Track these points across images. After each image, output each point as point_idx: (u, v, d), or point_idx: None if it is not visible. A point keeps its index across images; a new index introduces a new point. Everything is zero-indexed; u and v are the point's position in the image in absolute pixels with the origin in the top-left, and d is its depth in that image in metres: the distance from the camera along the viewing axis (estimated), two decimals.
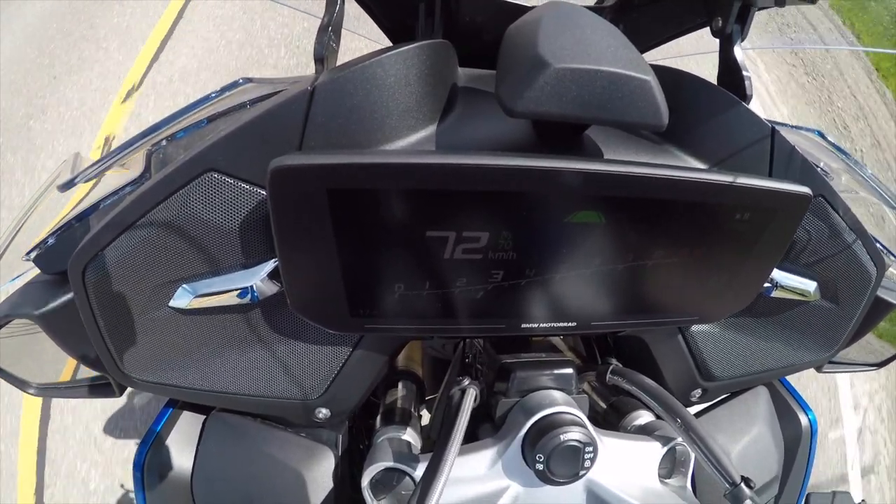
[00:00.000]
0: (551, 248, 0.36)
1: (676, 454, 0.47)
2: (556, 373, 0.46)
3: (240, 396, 0.43)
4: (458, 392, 0.44)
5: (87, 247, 0.36)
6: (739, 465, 0.54)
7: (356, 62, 0.36)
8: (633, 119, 0.34)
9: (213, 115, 0.47)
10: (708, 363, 0.51)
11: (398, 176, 0.31)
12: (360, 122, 0.36)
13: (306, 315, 0.38)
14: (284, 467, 0.46)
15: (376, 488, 0.42)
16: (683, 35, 0.60)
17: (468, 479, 0.42)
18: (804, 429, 0.58)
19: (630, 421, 0.51)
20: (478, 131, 0.39)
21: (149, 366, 0.41)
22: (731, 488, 0.39)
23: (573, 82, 0.32)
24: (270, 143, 0.35)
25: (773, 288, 0.47)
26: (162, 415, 0.49)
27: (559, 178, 0.32)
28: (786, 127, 0.66)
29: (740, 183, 0.35)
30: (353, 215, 0.32)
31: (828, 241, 0.46)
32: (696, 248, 0.38)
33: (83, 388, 0.50)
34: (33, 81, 2.33)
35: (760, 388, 0.59)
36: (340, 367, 0.43)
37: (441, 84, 0.40)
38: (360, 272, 0.35)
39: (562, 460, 0.40)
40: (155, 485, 0.46)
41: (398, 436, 0.45)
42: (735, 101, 0.43)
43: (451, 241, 0.34)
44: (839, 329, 0.53)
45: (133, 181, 0.43)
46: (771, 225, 0.38)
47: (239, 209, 0.36)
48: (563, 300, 0.39)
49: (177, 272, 0.37)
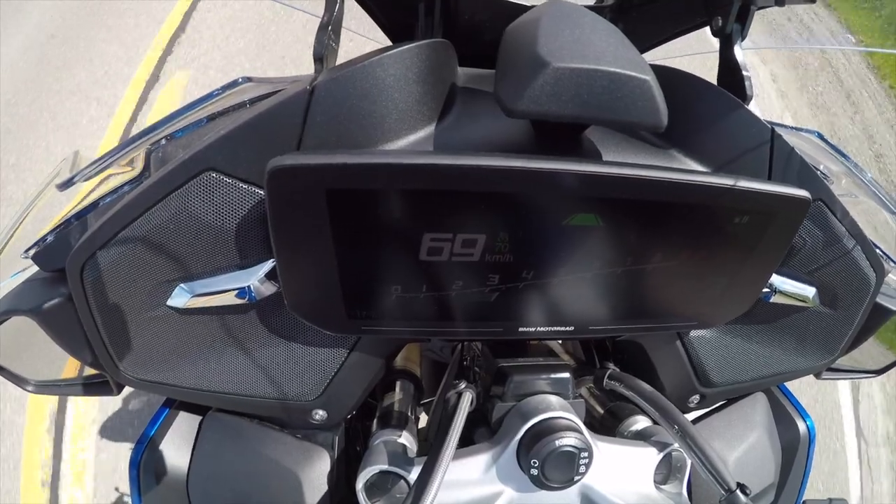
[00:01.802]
0: (549, 251, 0.36)
1: (673, 460, 0.47)
2: (552, 377, 0.46)
3: (236, 397, 0.43)
4: (455, 395, 0.43)
5: (85, 245, 0.36)
6: (736, 471, 0.54)
7: (356, 62, 0.36)
8: (633, 119, 0.33)
9: (212, 114, 0.47)
10: (706, 369, 0.50)
11: (397, 176, 0.31)
12: (359, 122, 0.36)
13: (303, 316, 0.38)
14: (280, 468, 0.45)
15: (370, 491, 0.42)
16: (683, 35, 0.59)
17: (462, 484, 0.42)
18: (802, 436, 0.58)
19: (627, 426, 0.50)
20: (477, 131, 0.39)
21: (146, 364, 0.41)
22: (727, 495, 0.39)
23: (572, 82, 0.32)
24: (269, 143, 0.35)
25: (771, 293, 0.47)
26: (158, 415, 0.49)
27: (557, 179, 0.32)
28: (785, 128, 0.66)
29: (739, 186, 0.35)
30: (351, 215, 0.32)
31: (827, 246, 0.46)
32: (695, 251, 0.38)
33: (81, 386, 0.50)
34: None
35: (759, 395, 0.59)
36: (337, 369, 0.43)
37: (440, 84, 0.40)
38: (358, 273, 0.35)
39: (556, 466, 0.40)
40: (151, 485, 0.46)
41: (394, 438, 0.45)
42: (735, 102, 0.42)
43: (449, 243, 0.34)
44: (838, 335, 0.52)
45: (132, 180, 0.43)
46: (770, 229, 0.38)
47: (237, 209, 0.36)
48: (561, 304, 0.39)
49: (174, 271, 0.37)
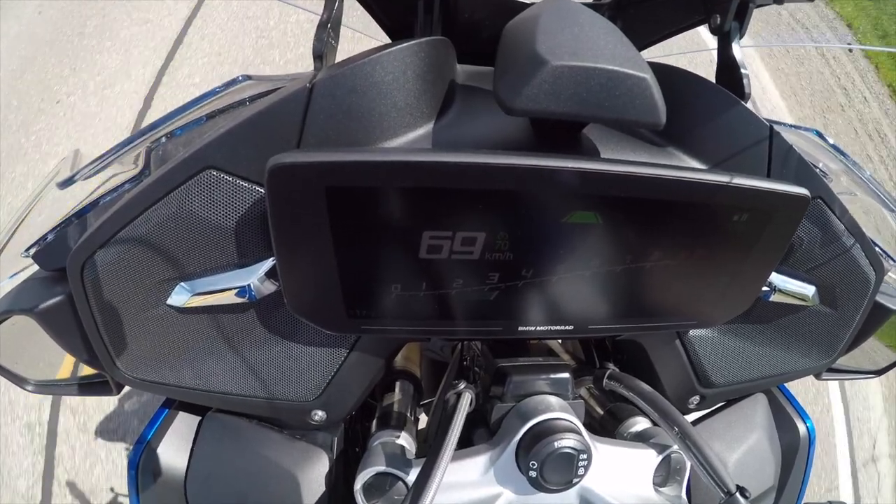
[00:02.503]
0: (548, 250, 0.36)
1: (672, 462, 0.47)
2: (552, 377, 0.46)
3: (235, 397, 0.43)
4: (454, 396, 0.43)
5: (85, 244, 0.36)
6: (736, 473, 0.54)
7: (355, 59, 0.36)
8: (631, 117, 0.33)
9: (212, 112, 0.48)
10: (706, 369, 0.50)
11: (396, 174, 0.31)
12: (359, 120, 0.36)
13: (303, 315, 0.38)
14: (279, 469, 0.45)
15: (369, 492, 0.42)
16: (681, 33, 0.60)
17: (461, 485, 0.42)
18: (802, 437, 0.57)
19: (626, 427, 0.50)
20: (476, 129, 0.39)
21: (145, 364, 0.41)
22: (727, 498, 0.38)
23: (571, 80, 0.32)
24: (269, 141, 0.35)
25: (771, 292, 0.47)
26: (157, 415, 0.48)
27: (556, 176, 0.32)
28: (784, 126, 0.66)
29: (738, 183, 0.35)
30: (350, 213, 0.32)
31: (826, 244, 0.46)
32: (694, 249, 0.38)
33: (80, 386, 0.50)
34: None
35: (758, 396, 0.59)
36: (337, 369, 0.43)
37: (439, 81, 0.40)
38: (358, 271, 0.35)
39: (555, 467, 0.40)
40: (149, 485, 0.46)
41: (393, 440, 0.45)
42: (733, 99, 0.42)
43: (449, 241, 0.34)
44: (838, 335, 0.52)
45: (132, 178, 0.43)
46: (769, 226, 0.38)
47: (237, 207, 0.36)
48: (561, 303, 0.39)
49: (175, 270, 0.37)
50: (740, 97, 0.44)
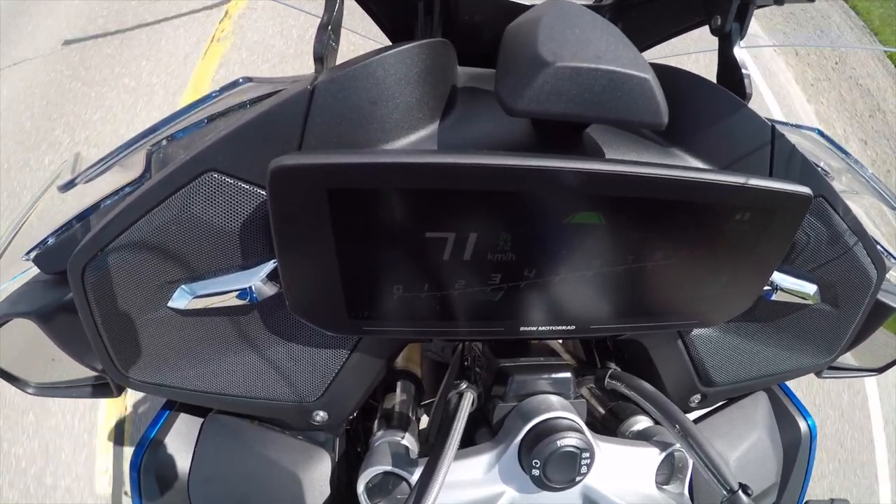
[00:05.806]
0: (550, 250, 0.36)
1: (674, 460, 0.47)
2: (553, 377, 0.46)
3: (237, 398, 0.43)
4: (456, 396, 0.43)
5: (86, 247, 0.36)
6: (738, 471, 0.54)
7: (356, 61, 0.36)
8: (633, 117, 0.33)
9: (212, 114, 0.48)
10: (708, 368, 0.50)
11: (398, 175, 0.31)
12: (360, 122, 0.36)
13: (304, 316, 0.38)
14: (281, 470, 0.45)
15: (372, 492, 0.42)
16: (682, 33, 0.60)
17: (464, 485, 0.42)
18: (804, 435, 0.58)
19: (628, 426, 0.50)
20: (478, 130, 0.39)
21: (147, 367, 0.41)
22: (729, 495, 0.39)
23: (573, 81, 0.32)
24: (270, 143, 0.35)
25: (773, 291, 0.47)
26: (159, 417, 0.48)
27: (558, 177, 0.32)
28: (786, 126, 0.66)
29: (740, 183, 0.35)
30: (352, 215, 0.32)
31: (828, 242, 0.46)
32: (696, 249, 0.38)
33: (81, 389, 0.50)
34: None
35: (760, 394, 0.59)
36: (338, 370, 0.43)
37: (441, 83, 0.40)
38: (359, 273, 0.35)
39: (558, 466, 0.40)
40: (152, 487, 0.46)
41: (395, 439, 0.45)
42: (735, 100, 0.42)
43: (451, 243, 0.34)
44: (840, 333, 0.52)
45: (133, 181, 0.43)
46: (771, 226, 0.38)
47: (239, 209, 0.36)
48: (562, 303, 0.39)
49: (176, 273, 0.37)
50: (742, 97, 0.44)
